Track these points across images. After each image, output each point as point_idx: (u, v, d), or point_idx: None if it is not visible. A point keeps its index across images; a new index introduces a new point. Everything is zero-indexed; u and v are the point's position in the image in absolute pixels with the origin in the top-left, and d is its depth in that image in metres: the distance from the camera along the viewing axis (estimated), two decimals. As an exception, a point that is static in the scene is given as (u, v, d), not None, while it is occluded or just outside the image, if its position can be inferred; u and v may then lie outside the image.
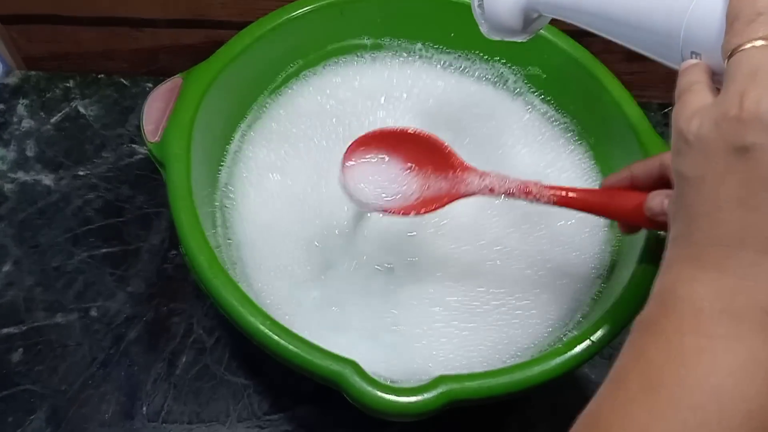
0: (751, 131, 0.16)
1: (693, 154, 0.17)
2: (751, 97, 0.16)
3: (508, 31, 0.29)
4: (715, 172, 0.17)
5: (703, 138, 0.17)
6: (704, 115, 0.17)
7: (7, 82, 0.49)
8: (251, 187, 0.39)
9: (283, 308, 0.35)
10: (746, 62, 0.16)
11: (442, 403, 0.27)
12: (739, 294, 0.16)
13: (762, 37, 0.16)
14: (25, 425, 0.35)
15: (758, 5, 0.17)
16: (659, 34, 0.20)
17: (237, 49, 0.38)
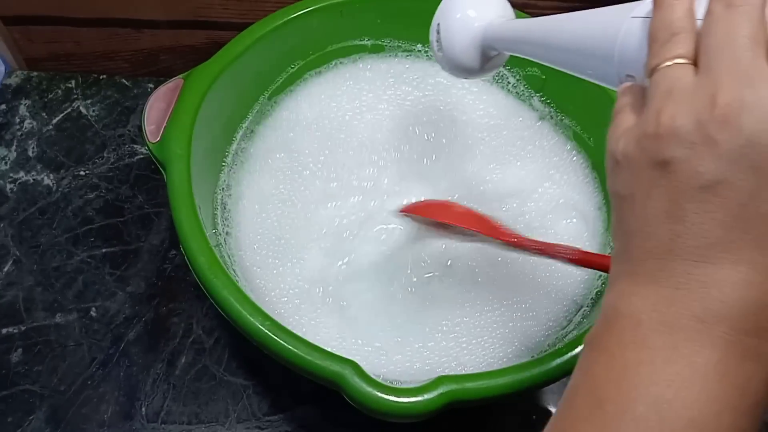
0: (668, 146, 0.16)
1: (622, 173, 0.18)
2: (666, 113, 0.16)
3: (465, 71, 0.30)
4: (642, 189, 0.17)
5: (629, 156, 0.18)
6: (629, 135, 0.18)
7: (9, 82, 0.49)
8: (251, 187, 0.39)
9: (283, 308, 0.35)
10: (663, 81, 0.17)
11: (442, 403, 0.27)
12: (673, 304, 0.16)
13: (677, 56, 0.17)
14: (25, 425, 0.35)
15: (673, 26, 0.17)
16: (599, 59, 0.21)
17: (237, 50, 0.38)
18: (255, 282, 0.35)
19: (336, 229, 0.37)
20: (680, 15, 0.18)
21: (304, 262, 0.36)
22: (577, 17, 0.23)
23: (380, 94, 0.42)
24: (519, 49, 0.27)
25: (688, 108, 0.16)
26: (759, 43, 0.16)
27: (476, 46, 0.28)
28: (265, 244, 0.37)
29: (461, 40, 0.28)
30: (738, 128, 0.15)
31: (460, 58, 0.29)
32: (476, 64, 0.29)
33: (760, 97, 0.15)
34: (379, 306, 0.35)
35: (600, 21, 0.21)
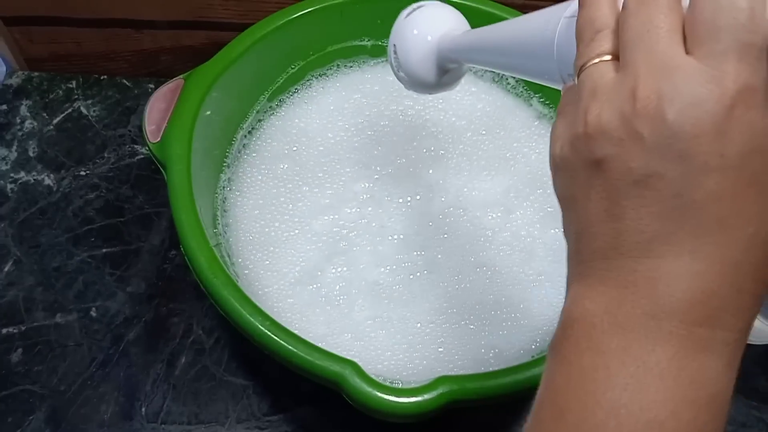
0: (598, 145, 0.16)
1: (561, 176, 0.18)
2: (592, 112, 0.16)
3: (425, 86, 0.30)
4: (581, 190, 0.17)
5: (565, 159, 0.18)
6: (563, 137, 0.18)
7: (9, 83, 0.49)
8: (252, 187, 0.39)
9: (284, 308, 0.35)
10: (588, 80, 0.17)
11: (442, 403, 0.27)
12: (623, 304, 0.16)
13: (600, 53, 0.17)
14: (25, 425, 0.35)
15: (596, 24, 0.17)
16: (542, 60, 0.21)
17: (238, 51, 0.38)
18: (255, 282, 0.35)
19: (338, 229, 0.37)
20: (603, 12, 0.17)
21: (303, 263, 0.36)
22: (522, 19, 0.23)
23: (383, 109, 0.42)
24: (472, 57, 0.27)
25: (611, 104, 0.16)
26: (674, 31, 0.16)
27: (432, 60, 0.29)
28: (265, 245, 0.37)
29: (417, 55, 0.29)
30: (661, 119, 0.15)
31: (418, 73, 0.29)
32: (433, 78, 0.29)
33: (678, 85, 0.15)
34: (379, 307, 0.35)
35: (540, 21, 0.21)
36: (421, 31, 0.29)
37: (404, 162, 0.40)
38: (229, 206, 0.38)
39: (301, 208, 0.38)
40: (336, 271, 0.36)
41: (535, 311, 0.35)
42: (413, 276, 0.36)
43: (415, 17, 0.29)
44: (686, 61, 0.15)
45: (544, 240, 0.37)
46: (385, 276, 0.36)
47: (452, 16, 0.29)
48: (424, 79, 0.29)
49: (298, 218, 0.38)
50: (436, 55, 0.29)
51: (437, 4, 0.30)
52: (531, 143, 0.41)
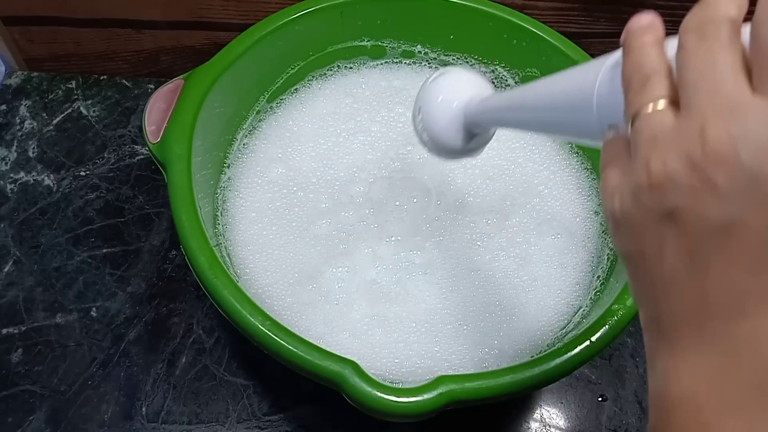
0: (667, 195, 0.15)
1: (626, 233, 0.17)
2: (656, 161, 0.15)
3: (450, 151, 0.29)
4: (653, 245, 0.16)
5: (628, 213, 0.16)
6: (622, 190, 0.17)
7: (9, 83, 0.49)
8: (252, 187, 0.39)
9: (283, 308, 0.35)
10: (645, 128, 0.16)
11: (442, 403, 0.27)
12: (727, 376, 0.15)
13: (654, 99, 0.16)
14: (25, 425, 0.35)
15: (645, 69, 0.17)
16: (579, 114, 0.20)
17: (238, 51, 0.38)
18: (254, 282, 0.35)
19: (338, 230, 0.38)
20: (651, 56, 0.17)
21: (303, 264, 0.36)
22: (554, 77, 0.23)
23: (374, 114, 0.42)
24: (501, 119, 0.26)
25: (677, 151, 0.15)
26: (738, 69, 0.15)
27: (459, 125, 0.28)
28: (264, 245, 0.37)
29: (443, 121, 0.28)
30: (735, 163, 0.14)
31: (444, 140, 0.29)
32: (459, 144, 0.29)
33: (749, 126, 0.14)
34: (378, 307, 0.35)
35: (576, 76, 0.21)
36: (447, 96, 0.28)
37: (399, 166, 0.40)
38: (229, 206, 0.38)
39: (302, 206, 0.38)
40: (335, 272, 0.36)
41: (532, 314, 0.35)
42: (409, 276, 0.36)
43: (440, 83, 0.29)
44: (755, 100, 0.14)
45: (540, 246, 0.37)
46: (383, 275, 0.36)
47: (477, 81, 0.29)
48: (450, 145, 0.29)
49: (301, 217, 0.38)
50: (462, 121, 0.28)
51: (461, 70, 0.29)
52: (527, 153, 0.41)
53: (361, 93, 0.43)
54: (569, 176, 0.41)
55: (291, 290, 0.35)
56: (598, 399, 0.38)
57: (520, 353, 0.34)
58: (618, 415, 0.37)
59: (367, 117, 0.42)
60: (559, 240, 0.38)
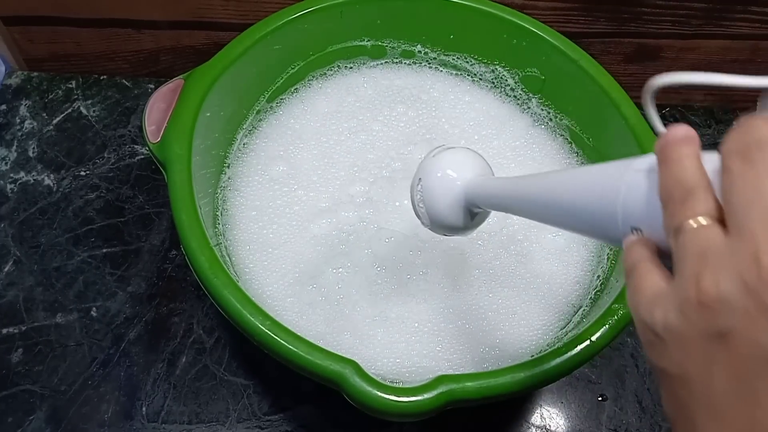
0: (719, 316, 0.15)
1: (668, 349, 0.16)
2: (706, 279, 0.15)
3: (449, 228, 0.29)
4: (699, 366, 0.15)
5: (673, 330, 0.16)
6: (665, 303, 0.16)
7: (9, 83, 0.49)
8: (252, 187, 0.39)
9: (284, 308, 0.35)
10: (691, 243, 0.16)
11: (442, 403, 0.27)
12: None
13: (699, 214, 0.16)
14: (25, 425, 0.35)
15: (687, 183, 0.17)
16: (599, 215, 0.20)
17: (238, 51, 0.38)
18: (255, 282, 0.35)
19: (338, 229, 0.38)
20: (691, 170, 0.17)
21: (303, 264, 0.36)
22: (570, 174, 0.22)
23: (376, 114, 0.42)
24: (508, 207, 0.26)
25: (730, 272, 0.15)
26: None
27: (459, 203, 0.28)
28: (265, 244, 0.37)
29: (443, 197, 0.28)
30: None
31: (443, 216, 0.28)
32: (457, 222, 0.28)
33: None
34: (379, 307, 0.35)
35: (598, 176, 0.20)
36: (449, 174, 0.28)
37: (399, 166, 0.40)
38: (229, 206, 0.38)
39: (303, 206, 0.38)
40: (335, 272, 0.36)
41: (532, 313, 0.35)
42: (410, 276, 0.36)
43: (443, 158, 0.28)
44: None
45: (540, 245, 0.37)
46: (384, 275, 0.36)
47: (481, 162, 0.28)
48: (447, 222, 0.28)
49: (301, 217, 0.38)
50: (462, 199, 0.27)
51: (466, 149, 0.29)
52: (527, 151, 0.42)
53: (363, 92, 0.43)
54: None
55: (292, 290, 0.35)
56: (598, 399, 0.38)
57: (520, 352, 0.34)
58: (618, 415, 0.37)
59: (368, 116, 0.42)
60: (559, 239, 0.38)
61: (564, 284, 0.36)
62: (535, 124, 0.43)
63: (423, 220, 0.30)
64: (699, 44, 0.46)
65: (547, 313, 0.35)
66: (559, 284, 0.36)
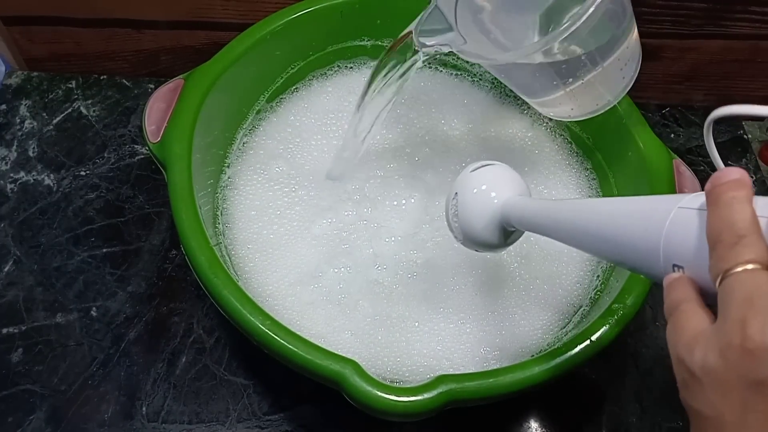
0: (763, 364, 0.15)
1: (704, 390, 0.16)
2: (753, 326, 0.15)
3: (483, 246, 0.29)
4: (734, 411, 0.15)
5: (712, 371, 0.16)
6: (707, 344, 0.16)
7: (9, 82, 0.49)
8: (252, 186, 0.39)
9: (284, 308, 0.35)
10: (739, 287, 0.16)
11: (442, 402, 0.27)
12: None
13: (749, 261, 0.16)
14: (25, 425, 0.35)
15: (737, 227, 0.16)
16: (641, 250, 0.20)
17: (238, 51, 0.38)
18: (255, 281, 0.35)
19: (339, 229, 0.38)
20: (743, 215, 0.16)
21: (303, 263, 0.36)
22: (614, 204, 0.22)
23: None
24: (542, 229, 0.26)
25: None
26: None
27: (494, 221, 0.27)
28: (265, 244, 0.37)
29: (479, 215, 0.28)
30: None
31: (477, 232, 0.28)
32: (494, 240, 0.28)
33: None
34: (379, 306, 0.35)
35: (643, 209, 0.20)
36: (485, 191, 0.28)
37: (396, 167, 0.40)
38: (229, 206, 0.38)
39: (303, 206, 0.38)
40: (337, 272, 0.36)
41: (532, 313, 0.35)
42: (410, 276, 0.36)
43: (481, 174, 0.28)
44: None
45: (540, 245, 0.37)
46: (385, 275, 0.36)
47: (519, 181, 0.28)
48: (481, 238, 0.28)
49: (301, 217, 0.38)
50: (498, 217, 0.27)
51: (505, 166, 0.29)
52: (526, 153, 0.42)
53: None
54: (569, 176, 0.41)
55: (292, 289, 0.35)
56: (598, 399, 0.38)
57: (521, 352, 0.34)
58: (618, 415, 0.37)
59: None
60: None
61: (564, 284, 0.36)
62: (535, 125, 0.43)
63: (456, 235, 0.29)
64: (699, 44, 0.46)
65: (547, 313, 0.35)
66: (559, 284, 0.36)
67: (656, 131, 0.37)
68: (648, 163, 0.35)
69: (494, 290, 0.36)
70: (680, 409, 0.17)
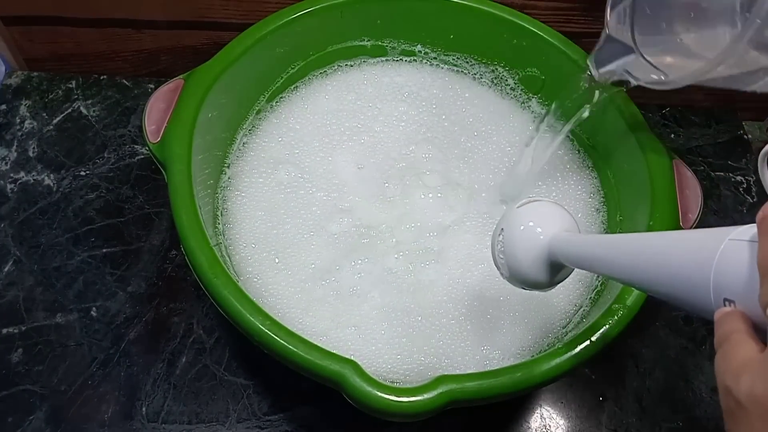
0: None
1: (750, 420, 0.16)
2: None
3: (531, 284, 0.28)
4: None
5: (759, 400, 0.15)
6: (755, 373, 0.16)
7: (9, 82, 0.49)
8: (252, 187, 0.39)
9: (284, 308, 0.35)
10: None
11: (442, 403, 0.27)
12: None
13: None
14: (25, 425, 0.35)
15: None
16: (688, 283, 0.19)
17: (238, 51, 0.38)
18: (255, 281, 0.35)
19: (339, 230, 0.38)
20: None
21: (303, 264, 0.36)
22: (662, 239, 0.22)
23: (377, 114, 0.42)
24: (591, 266, 0.25)
25: None
26: None
27: (542, 259, 0.27)
28: (265, 244, 0.37)
29: (526, 252, 0.27)
30: None
31: (524, 271, 0.27)
32: (542, 278, 0.27)
33: None
34: (379, 306, 0.35)
35: (692, 242, 0.20)
36: (532, 226, 0.27)
37: (404, 166, 0.40)
38: (229, 205, 0.38)
39: (303, 206, 0.38)
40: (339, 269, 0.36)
41: (533, 312, 0.35)
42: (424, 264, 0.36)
43: (528, 210, 0.28)
44: None
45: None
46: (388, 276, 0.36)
47: (566, 217, 0.28)
48: (529, 276, 0.27)
49: (301, 217, 0.38)
50: (546, 254, 0.27)
51: (551, 202, 0.28)
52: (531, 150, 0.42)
53: (364, 90, 0.43)
54: (571, 174, 0.41)
55: (302, 286, 0.35)
56: (599, 399, 0.38)
57: (522, 351, 0.34)
58: (618, 415, 0.37)
59: (369, 115, 0.42)
60: None
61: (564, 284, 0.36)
62: (535, 120, 0.43)
63: (503, 271, 0.29)
64: (699, 44, 0.46)
65: (547, 313, 0.35)
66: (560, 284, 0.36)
67: (656, 131, 0.37)
68: (648, 163, 0.35)
69: (494, 291, 0.36)
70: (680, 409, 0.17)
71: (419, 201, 0.39)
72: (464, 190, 0.39)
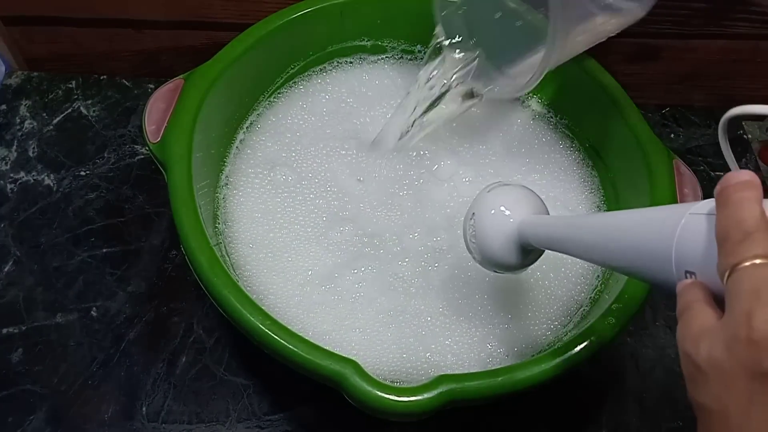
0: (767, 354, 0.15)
1: (710, 384, 0.16)
2: (759, 317, 0.15)
3: (501, 266, 0.29)
4: (739, 403, 0.15)
5: (717, 364, 0.16)
6: (713, 337, 0.16)
7: (9, 82, 0.49)
8: (252, 187, 0.39)
9: (284, 308, 0.35)
10: (746, 280, 0.16)
11: (442, 402, 0.27)
12: None
13: (756, 255, 0.16)
14: (25, 425, 0.35)
15: (745, 225, 0.17)
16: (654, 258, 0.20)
17: (238, 51, 0.38)
18: (255, 281, 0.35)
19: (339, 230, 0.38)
20: (751, 214, 0.17)
21: (303, 264, 0.36)
22: (626, 216, 0.22)
23: (380, 95, 0.42)
24: (560, 246, 0.26)
25: None
26: None
27: (511, 240, 0.27)
28: (265, 244, 0.37)
29: (496, 236, 0.28)
30: None
31: (495, 254, 0.28)
32: (512, 261, 0.28)
33: None
34: (380, 306, 0.35)
35: (654, 218, 0.20)
36: (502, 209, 0.28)
37: (402, 166, 0.40)
38: (229, 205, 0.38)
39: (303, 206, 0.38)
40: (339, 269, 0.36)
41: (534, 311, 0.35)
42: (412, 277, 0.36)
43: (497, 194, 0.28)
44: None
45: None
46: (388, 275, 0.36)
47: (535, 200, 0.28)
48: (499, 259, 0.28)
49: (301, 218, 0.38)
50: (516, 237, 0.27)
51: (521, 187, 0.29)
52: (527, 143, 0.42)
53: (364, 89, 0.43)
54: (571, 171, 0.41)
55: (293, 290, 0.35)
56: (598, 399, 0.38)
57: (524, 350, 0.34)
58: (618, 415, 0.37)
59: (370, 114, 0.42)
60: None
61: (564, 284, 0.36)
62: (535, 117, 0.43)
63: (474, 255, 0.29)
64: (699, 44, 0.46)
65: (547, 313, 0.35)
66: (560, 284, 0.36)
67: (656, 131, 0.37)
68: (648, 163, 0.35)
69: (494, 291, 0.36)
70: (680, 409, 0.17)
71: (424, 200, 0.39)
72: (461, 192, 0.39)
